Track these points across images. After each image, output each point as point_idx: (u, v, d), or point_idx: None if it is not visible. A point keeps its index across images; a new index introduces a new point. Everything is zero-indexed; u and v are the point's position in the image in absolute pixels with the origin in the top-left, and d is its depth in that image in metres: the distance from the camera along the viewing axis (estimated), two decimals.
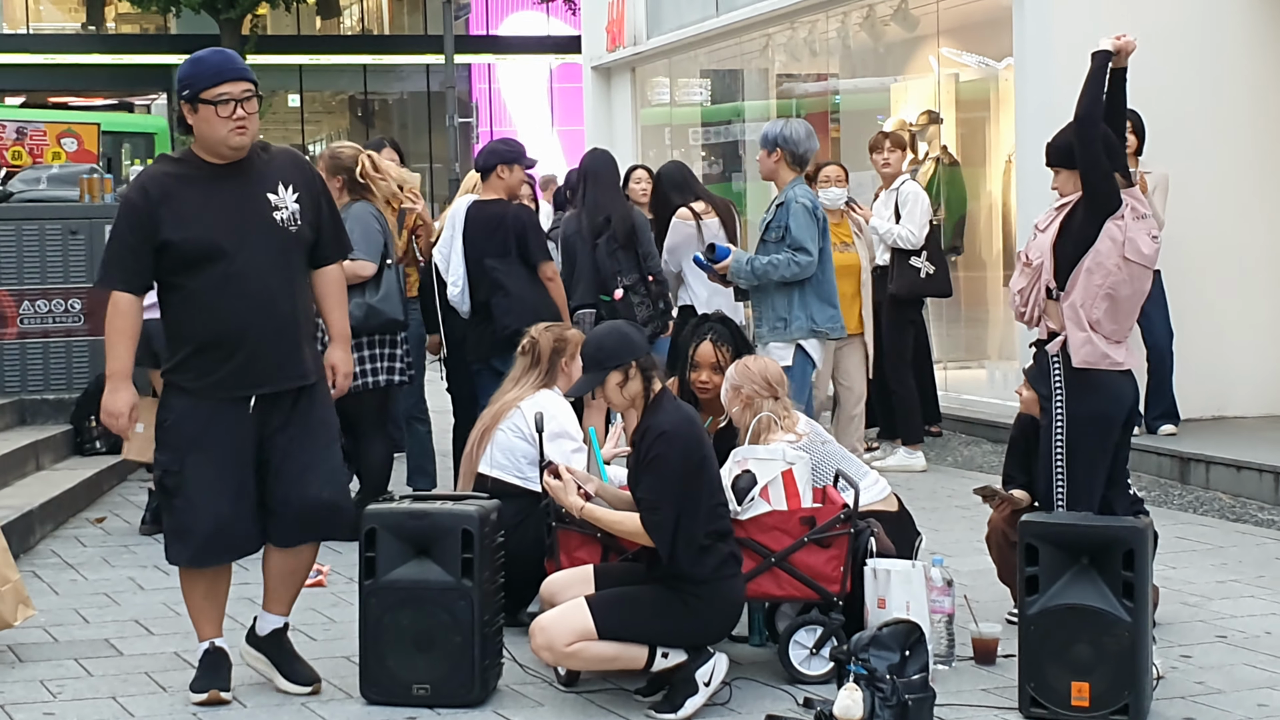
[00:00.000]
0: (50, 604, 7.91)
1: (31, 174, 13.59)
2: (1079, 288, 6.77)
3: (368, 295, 9.26)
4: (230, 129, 6.06)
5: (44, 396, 12.29)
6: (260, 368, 6.15)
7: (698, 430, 6.26)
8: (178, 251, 6.07)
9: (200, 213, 6.06)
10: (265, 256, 6.13)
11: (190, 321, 6.15)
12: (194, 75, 6.09)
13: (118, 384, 6.15)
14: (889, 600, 6.51)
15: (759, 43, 18.59)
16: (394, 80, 44.80)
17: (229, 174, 6.15)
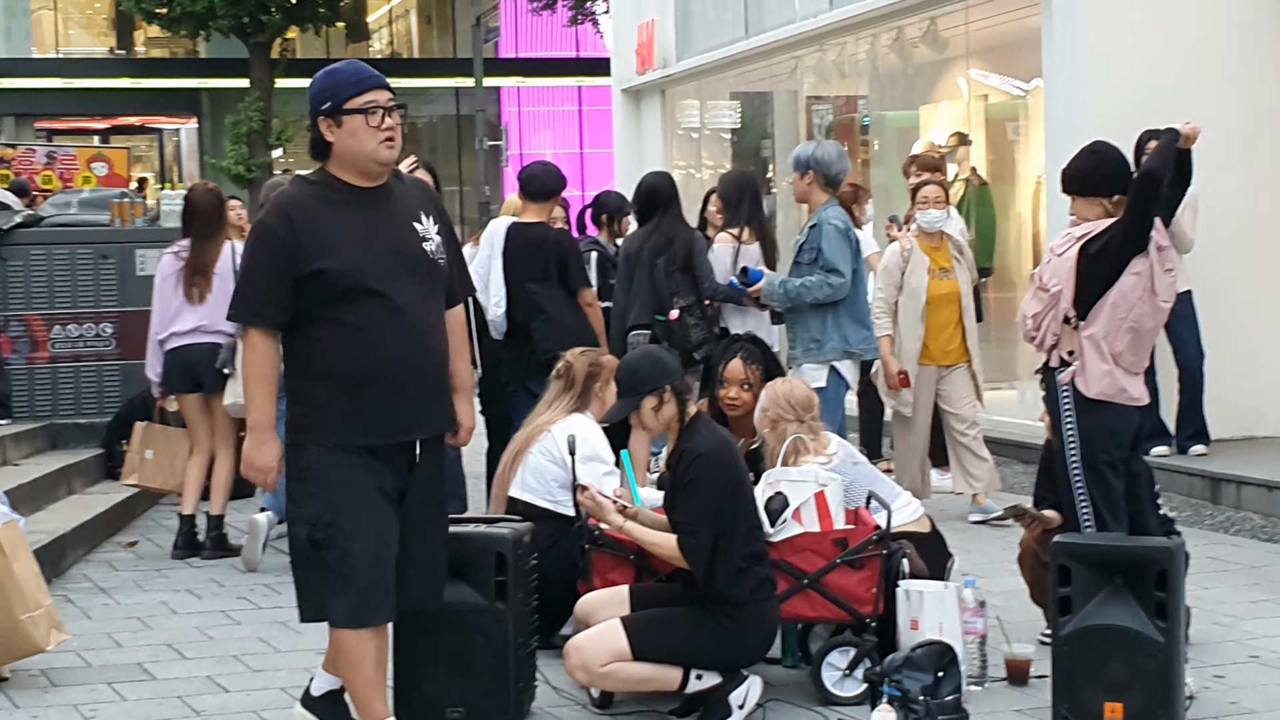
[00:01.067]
0: (83, 628, 7.93)
1: (62, 198, 13.68)
2: (1102, 320, 6.79)
3: None
4: (380, 141, 5.45)
5: (75, 420, 12.35)
6: (415, 411, 5.55)
7: (733, 453, 6.27)
8: (327, 282, 5.40)
9: (350, 240, 5.43)
10: (419, 290, 5.52)
11: (340, 359, 5.45)
12: (335, 85, 5.50)
13: (262, 436, 5.49)
14: (922, 621, 6.50)
15: (788, 65, 18.60)
16: (423, 103, 44.85)
17: (374, 199, 5.54)
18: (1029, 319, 7.01)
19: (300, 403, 5.53)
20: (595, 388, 7.52)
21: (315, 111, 5.50)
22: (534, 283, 9.49)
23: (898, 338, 10.39)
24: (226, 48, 37.93)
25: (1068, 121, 12.56)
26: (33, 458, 11.53)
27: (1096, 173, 7.03)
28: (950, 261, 10.54)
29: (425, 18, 46.77)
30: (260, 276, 5.46)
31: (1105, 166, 7.03)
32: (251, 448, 5.50)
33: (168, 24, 35.25)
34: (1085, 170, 7.04)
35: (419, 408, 5.55)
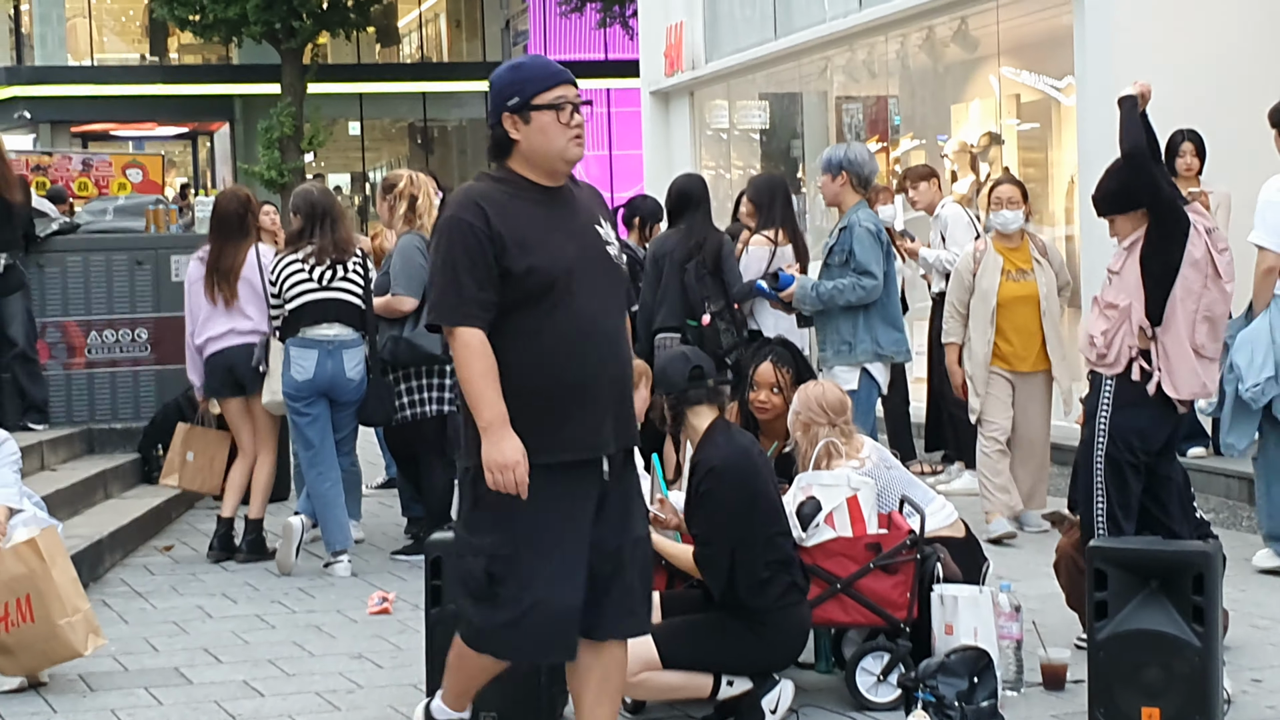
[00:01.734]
0: (120, 633, 7.97)
1: (98, 205, 13.75)
2: (1178, 318, 6.80)
3: (405, 330, 9.34)
4: (570, 138, 5.18)
5: (112, 425, 12.39)
6: (607, 424, 5.19)
7: (751, 462, 6.24)
8: (522, 283, 5.08)
9: (542, 239, 5.13)
10: (608, 295, 5.24)
11: (529, 368, 5.09)
12: (523, 80, 5.22)
13: (500, 432, 5.02)
14: (956, 626, 6.49)
15: (818, 65, 18.58)
16: (453, 107, 44.92)
17: (559, 199, 5.26)
18: (1097, 338, 6.94)
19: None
20: None
21: (500, 108, 5.20)
22: None
23: (967, 341, 10.11)
24: (258, 53, 38.08)
25: (1100, 120, 12.49)
26: (69, 463, 11.58)
27: (1130, 186, 7.01)
28: (1030, 263, 10.13)
29: (455, 22, 46.83)
30: (462, 273, 5.07)
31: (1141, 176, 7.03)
32: (491, 446, 5.00)
33: (200, 31, 35.43)
34: (1118, 187, 7.02)
35: (611, 420, 5.20)
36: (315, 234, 9.35)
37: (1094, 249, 12.75)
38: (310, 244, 9.32)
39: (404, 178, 9.73)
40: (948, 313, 10.17)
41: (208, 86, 42.64)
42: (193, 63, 45.02)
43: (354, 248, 9.45)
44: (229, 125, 43.57)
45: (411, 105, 44.86)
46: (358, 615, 8.29)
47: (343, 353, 9.24)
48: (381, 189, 9.82)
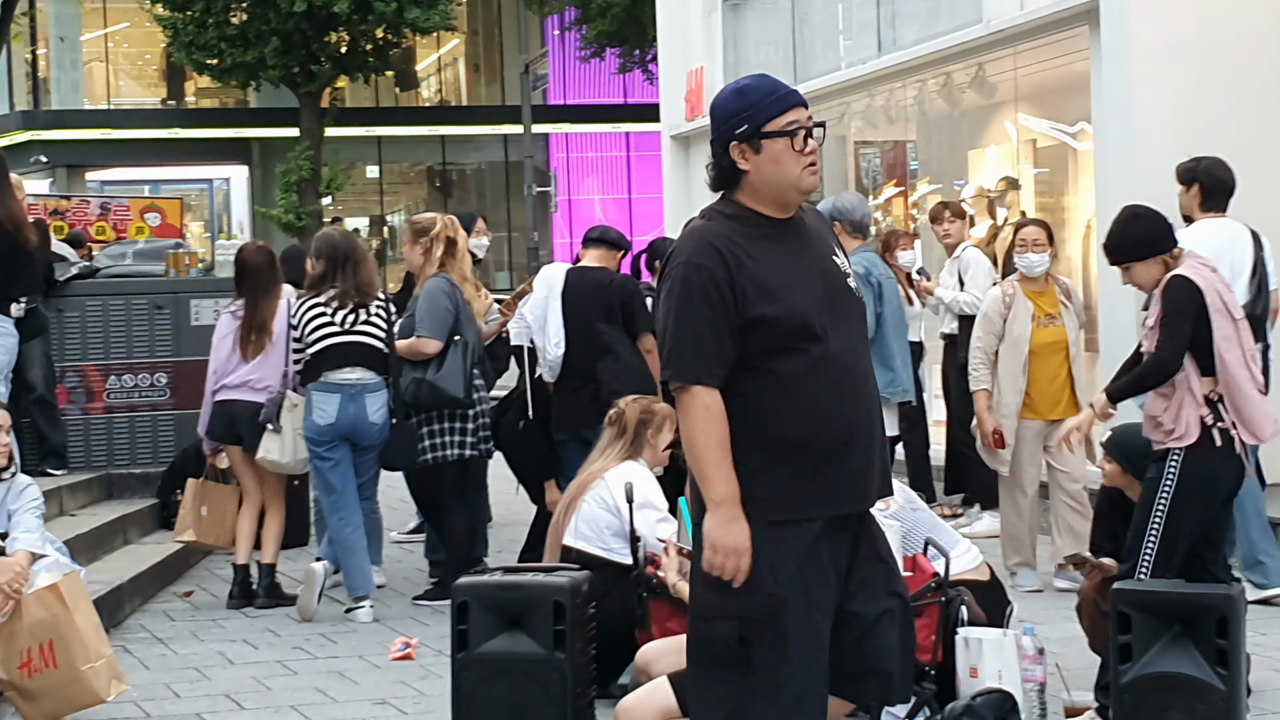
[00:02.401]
0: (141, 679, 7.96)
1: (117, 249, 13.78)
2: (1229, 366, 6.77)
3: (428, 373, 9.34)
4: (804, 166, 4.69)
5: (130, 470, 12.40)
6: (863, 474, 4.73)
7: None
8: (768, 330, 4.60)
9: (784, 281, 4.65)
10: (853, 333, 4.78)
11: (779, 417, 4.62)
12: (752, 105, 4.69)
13: (731, 512, 4.53)
14: (981, 669, 6.48)
15: (836, 110, 18.62)
16: (471, 150, 45.09)
17: (793, 232, 4.78)
18: (1163, 417, 6.88)
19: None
20: (648, 434, 7.54)
21: (727, 136, 4.70)
22: (604, 324, 9.49)
23: (996, 390, 9.86)
24: (276, 97, 38.26)
25: (1117, 165, 12.54)
26: (89, 508, 11.59)
27: (1149, 234, 7.02)
28: (1057, 307, 9.98)
29: (473, 66, 47.04)
30: (703, 326, 4.59)
31: (1155, 225, 7.04)
32: (719, 526, 4.52)
33: (218, 75, 35.61)
34: (1136, 235, 7.03)
35: (868, 470, 4.74)
36: (338, 278, 9.36)
37: (1111, 294, 12.75)
38: (333, 287, 9.34)
39: (438, 221, 9.74)
40: (976, 359, 9.96)
41: (225, 130, 42.84)
42: (210, 106, 45.22)
43: (376, 291, 9.46)
44: (247, 169, 43.74)
45: (430, 149, 45.02)
46: (380, 661, 8.29)
47: (365, 396, 9.25)
48: (412, 232, 9.80)
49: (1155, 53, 12.31)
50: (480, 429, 9.57)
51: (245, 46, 33.90)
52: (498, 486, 11.01)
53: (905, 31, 16.42)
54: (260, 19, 33.64)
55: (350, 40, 34.87)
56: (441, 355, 9.34)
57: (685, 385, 4.59)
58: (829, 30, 18.54)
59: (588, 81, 42.51)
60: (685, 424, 4.62)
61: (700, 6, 20.79)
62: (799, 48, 18.82)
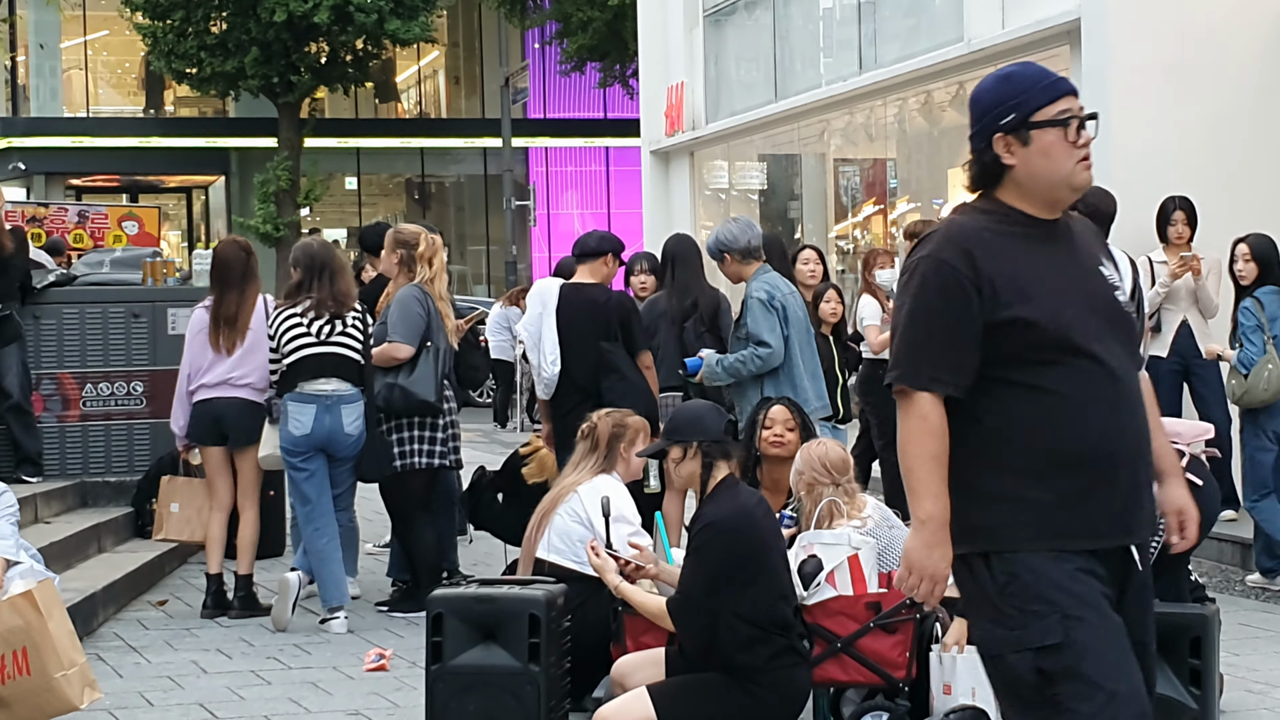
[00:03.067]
0: (114, 687, 7.94)
1: (95, 257, 13.76)
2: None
3: (400, 377, 9.37)
4: (1077, 160, 4.25)
5: (105, 479, 12.36)
6: (1133, 504, 4.24)
7: (752, 524, 6.21)
8: (1022, 336, 4.17)
9: (1046, 284, 4.22)
10: (1122, 349, 4.30)
11: (1039, 436, 4.17)
12: (1019, 92, 4.27)
13: (939, 535, 4.16)
14: (955, 686, 6.48)
15: (817, 128, 18.70)
16: (450, 163, 45.09)
17: (1057, 235, 4.33)
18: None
19: (970, 495, 4.20)
20: (620, 448, 7.53)
21: (990, 128, 4.28)
22: (606, 342, 9.45)
23: None
24: (255, 107, 38.22)
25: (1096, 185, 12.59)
26: (63, 516, 11.56)
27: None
28: None
29: (453, 78, 47.05)
30: (938, 327, 4.19)
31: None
32: (922, 546, 4.16)
33: (198, 84, 35.56)
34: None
35: (1138, 500, 4.26)
36: (313, 287, 9.36)
37: None
38: (308, 297, 9.34)
39: (423, 240, 9.71)
40: None
41: (204, 140, 42.77)
42: (189, 115, 45.16)
43: (353, 302, 9.45)
44: (225, 178, 43.68)
45: (409, 161, 45.02)
46: (354, 672, 8.27)
47: (341, 408, 9.24)
48: (394, 241, 9.79)
49: (1135, 74, 12.37)
50: (450, 439, 9.59)
51: (225, 56, 33.86)
52: None
53: (886, 50, 16.48)
54: (240, 28, 33.62)
55: (330, 51, 34.85)
56: (414, 361, 9.38)
57: (908, 390, 4.20)
58: (810, 47, 18.61)
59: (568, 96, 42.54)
60: (901, 431, 4.23)
61: (681, 22, 20.84)
62: (780, 64, 18.87)
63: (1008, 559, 4.15)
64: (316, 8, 32.32)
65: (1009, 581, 4.13)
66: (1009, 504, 4.16)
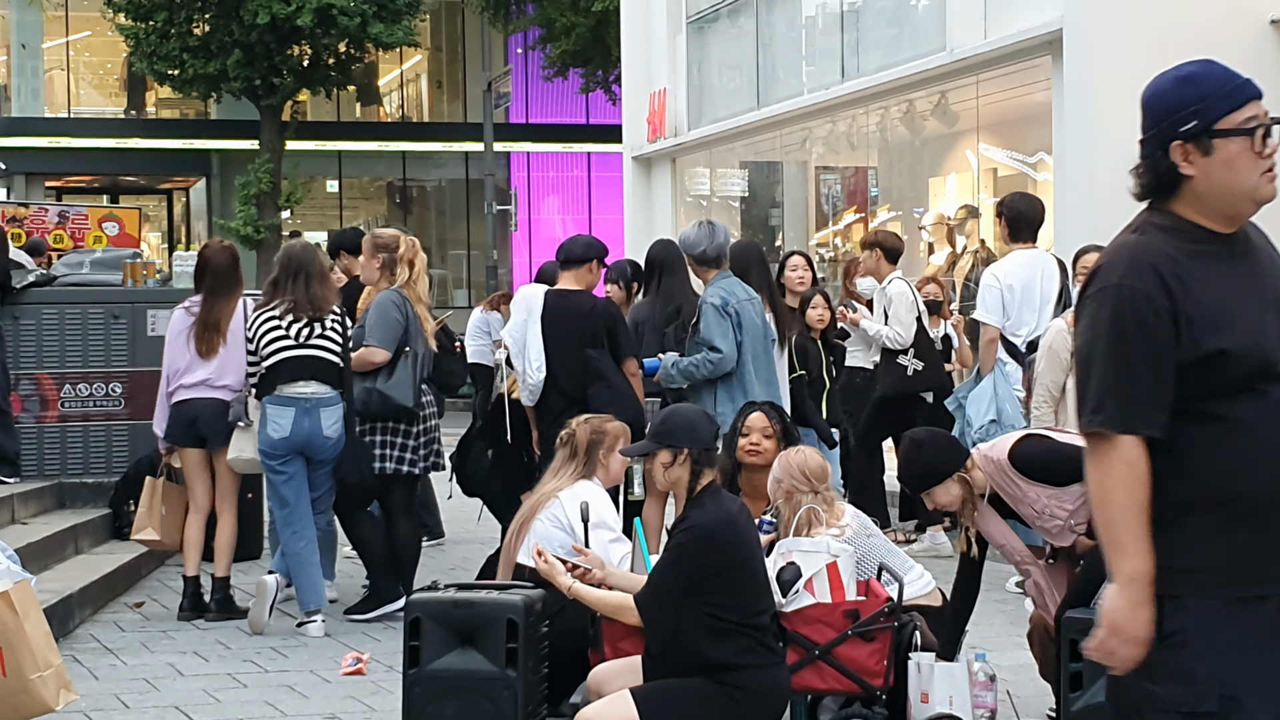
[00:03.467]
0: (90, 689, 7.91)
1: (75, 258, 13.71)
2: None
3: (378, 381, 9.38)
4: (1262, 172, 3.89)
5: (83, 480, 12.33)
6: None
7: (734, 532, 6.18)
8: (1224, 368, 3.79)
9: (1235, 311, 3.84)
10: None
11: (1230, 472, 3.79)
12: (1204, 95, 3.93)
13: (1143, 594, 3.75)
14: (932, 695, 6.50)
15: (799, 135, 18.72)
16: (432, 167, 45.06)
17: (1239, 250, 3.96)
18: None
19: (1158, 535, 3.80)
20: (599, 454, 7.53)
21: (1169, 134, 3.94)
22: (591, 349, 9.45)
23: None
24: (237, 109, 38.17)
25: (1076, 196, 12.62)
26: (40, 516, 11.53)
27: (935, 461, 6.98)
28: None
29: (436, 82, 47.01)
30: (1140, 364, 3.79)
31: (937, 452, 7.03)
32: (1125, 608, 3.74)
33: (180, 85, 35.49)
34: (923, 466, 7.01)
35: None
36: (290, 289, 9.34)
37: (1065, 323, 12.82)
38: (285, 300, 9.32)
39: (403, 242, 9.72)
40: (1041, 396, 9.34)
41: (185, 141, 42.69)
42: (170, 117, 45.08)
43: (330, 305, 9.42)
44: (206, 180, 43.61)
45: (390, 164, 44.98)
46: (331, 676, 8.26)
47: (320, 411, 9.24)
48: (373, 246, 9.78)
49: (1117, 85, 12.37)
50: (424, 445, 9.60)
51: (207, 58, 33.80)
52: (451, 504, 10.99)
53: (869, 58, 16.51)
54: (223, 30, 33.57)
55: (313, 54, 34.80)
56: (391, 365, 9.39)
57: (1110, 434, 3.78)
58: (793, 55, 18.63)
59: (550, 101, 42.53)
60: (1101, 479, 3.80)
61: (665, 28, 20.85)
62: (763, 72, 18.89)
63: (1182, 606, 3.77)
64: (299, 10, 32.29)
65: (1176, 632, 3.76)
66: (1201, 547, 3.78)
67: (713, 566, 6.06)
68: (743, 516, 6.32)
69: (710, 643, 6.04)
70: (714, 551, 6.08)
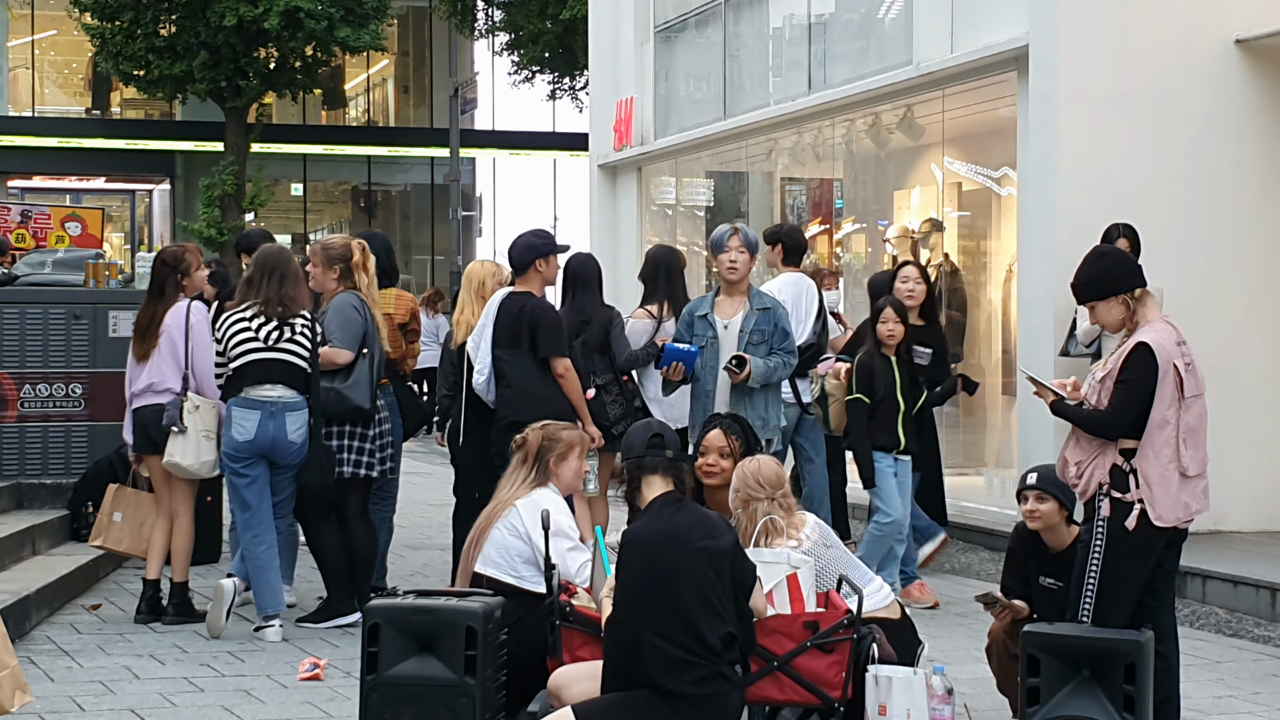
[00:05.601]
0: (46, 690, 7.87)
1: (37, 257, 13.65)
2: (1155, 448, 6.60)
3: (337, 382, 9.39)
4: None
5: (42, 481, 12.28)
6: None
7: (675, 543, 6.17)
8: None
9: None
10: None
11: None
12: None
13: None
14: (890, 707, 6.50)
15: (764, 146, 18.73)
16: (397, 172, 44.99)
17: None
18: (1070, 466, 6.82)
19: None
20: (550, 461, 7.50)
21: None
22: (501, 349, 9.55)
23: None
24: (202, 111, 38.06)
25: (1040, 210, 12.67)
26: None
27: (1111, 273, 6.92)
28: None
29: (403, 87, 46.95)
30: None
31: (1117, 265, 6.96)
32: None
33: (145, 86, 35.35)
34: (1099, 274, 6.95)
35: None
36: (264, 288, 9.32)
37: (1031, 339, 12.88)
38: (256, 300, 9.30)
39: (355, 249, 9.74)
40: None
41: (149, 142, 42.53)
42: (135, 118, 44.89)
43: (299, 308, 9.39)
44: (170, 181, 43.45)
45: (355, 168, 44.89)
46: (288, 681, 8.23)
47: (285, 415, 9.21)
48: (325, 256, 9.76)
49: (1082, 101, 12.46)
50: (380, 449, 9.59)
51: (173, 59, 33.69)
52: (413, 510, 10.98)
53: (835, 70, 16.54)
54: (189, 32, 33.46)
55: (279, 56, 34.71)
56: (350, 366, 9.42)
57: None
58: (759, 66, 18.66)
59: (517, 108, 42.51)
60: None
61: (632, 37, 20.86)
62: (729, 82, 18.91)
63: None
64: (267, 13, 32.21)
65: None
66: None
67: (650, 580, 6.04)
68: (694, 534, 6.25)
69: (666, 673, 6.00)
70: (646, 563, 6.06)
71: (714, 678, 6.07)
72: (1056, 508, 7.24)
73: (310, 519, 9.63)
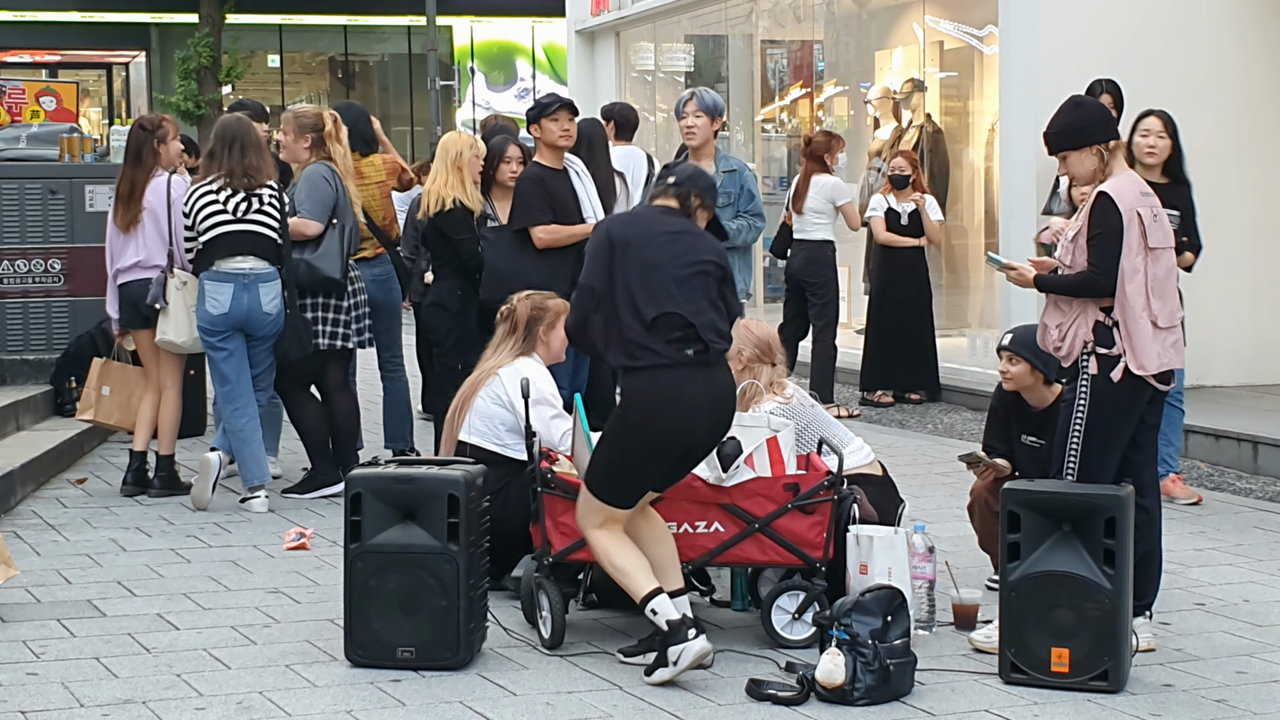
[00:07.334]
0: (32, 564, 7.90)
1: (10, 132, 13.54)
2: (1128, 297, 6.53)
3: (307, 253, 9.36)
4: None
5: (24, 357, 12.26)
6: None
7: (634, 227, 6.34)
8: None
9: None
10: None
11: None
12: None
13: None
14: (871, 566, 6.55)
15: (744, 9, 18.56)
16: (375, 41, 44.55)
17: None
18: (1052, 330, 6.75)
19: None
20: (539, 331, 7.50)
21: None
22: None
23: None
24: None
25: (1023, 69, 12.59)
26: None
27: (1087, 123, 6.81)
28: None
29: None
30: None
31: (1094, 115, 6.84)
32: None
33: None
34: (1074, 123, 6.82)
35: None
36: (225, 159, 9.25)
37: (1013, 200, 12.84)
38: (219, 174, 9.23)
39: (326, 119, 9.67)
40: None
41: (124, 15, 42.05)
42: None
43: (265, 178, 9.31)
44: (145, 54, 43.03)
45: (332, 38, 44.43)
46: (274, 551, 8.27)
47: (259, 286, 9.18)
48: (297, 125, 9.68)
49: None
50: (355, 320, 9.57)
51: None
52: None
53: None
54: None
55: None
56: (320, 237, 9.39)
57: None
58: None
59: None
60: None
61: None
62: None
63: None
64: None
65: None
66: None
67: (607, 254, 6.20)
68: (661, 223, 6.36)
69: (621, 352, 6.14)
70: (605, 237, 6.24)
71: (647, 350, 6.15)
72: (1028, 369, 7.20)
73: (290, 392, 9.63)
